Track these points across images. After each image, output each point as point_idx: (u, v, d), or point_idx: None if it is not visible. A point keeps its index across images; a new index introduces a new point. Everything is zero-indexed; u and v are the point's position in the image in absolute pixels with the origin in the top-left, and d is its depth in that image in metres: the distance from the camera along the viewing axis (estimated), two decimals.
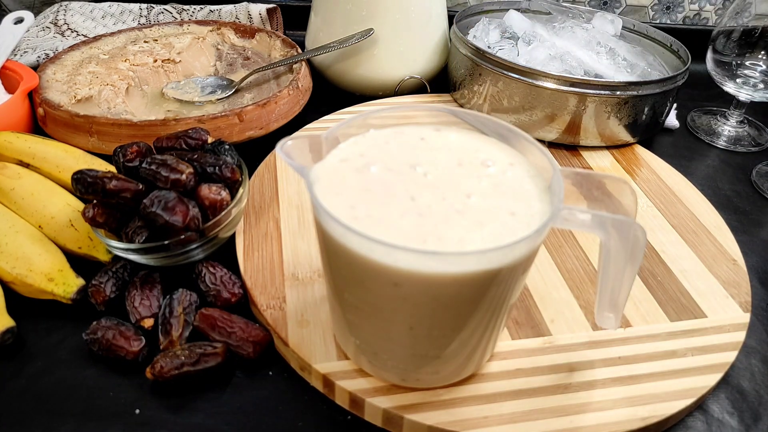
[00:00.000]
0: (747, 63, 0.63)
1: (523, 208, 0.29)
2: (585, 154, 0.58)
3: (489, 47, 0.65)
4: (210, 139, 0.46)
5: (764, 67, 0.63)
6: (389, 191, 0.30)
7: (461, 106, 0.64)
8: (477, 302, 0.29)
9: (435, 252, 0.27)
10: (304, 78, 0.61)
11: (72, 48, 0.64)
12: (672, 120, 0.66)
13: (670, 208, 0.51)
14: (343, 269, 0.30)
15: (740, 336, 0.39)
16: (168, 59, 0.66)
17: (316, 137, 0.31)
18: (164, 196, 0.38)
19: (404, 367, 0.33)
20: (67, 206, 0.44)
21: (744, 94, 0.63)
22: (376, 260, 0.27)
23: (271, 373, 0.38)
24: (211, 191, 0.40)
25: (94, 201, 0.40)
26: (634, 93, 0.55)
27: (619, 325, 0.35)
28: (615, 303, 0.33)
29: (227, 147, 0.45)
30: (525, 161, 0.33)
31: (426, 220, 0.28)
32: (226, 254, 0.44)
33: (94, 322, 0.37)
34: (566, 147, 0.59)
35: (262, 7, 0.75)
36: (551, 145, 0.59)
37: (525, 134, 0.32)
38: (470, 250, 0.27)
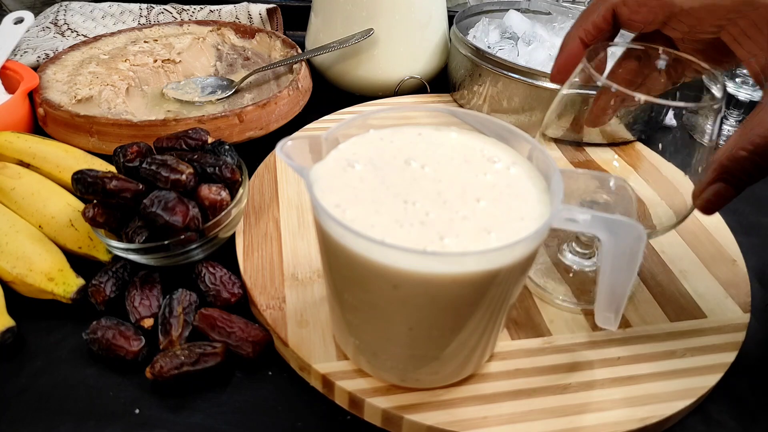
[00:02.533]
0: None
1: (529, 210, 0.30)
2: (589, 149, 0.58)
3: (489, 47, 0.65)
4: (210, 140, 0.46)
5: None
6: (393, 191, 0.30)
7: (461, 106, 0.64)
8: (476, 303, 0.29)
9: (434, 253, 0.27)
10: (304, 78, 0.61)
11: (72, 48, 0.65)
12: (671, 119, 0.66)
13: None
14: (343, 270, 0.30)
15: (740, 336, 0.39)
16: (168, 59, 0.66)
17: (316, 137, 0.31)
18: (164, 196, 0.38)
19: (403, 368, 0.33)
20: (67, 206, 0.44)
21: (743, 94, 0.63)
22: (375, 261, 0.27)
23: (270, 373, 0.38)
24: (211, 191, 0.40)
25: (94, 201, 0.40)
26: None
27: (619, 326, 0.35)
28: (615, 303, 0.33)
29: (227, 147, 0.45)
30: (525, 161, 0.33)
31: (428, 228, 0.28)
32: (226, 254, 0.44)
33: (94, 322, 0.37)
34: (570, 143, 0.59)
35: (262, 8, 0.75)
36: (555, 141, 0.58)
37: (525, 134, 0.33)
38: (470, 251, 0.27)
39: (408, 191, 0.30)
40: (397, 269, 0.27)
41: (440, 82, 0.68)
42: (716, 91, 0.36)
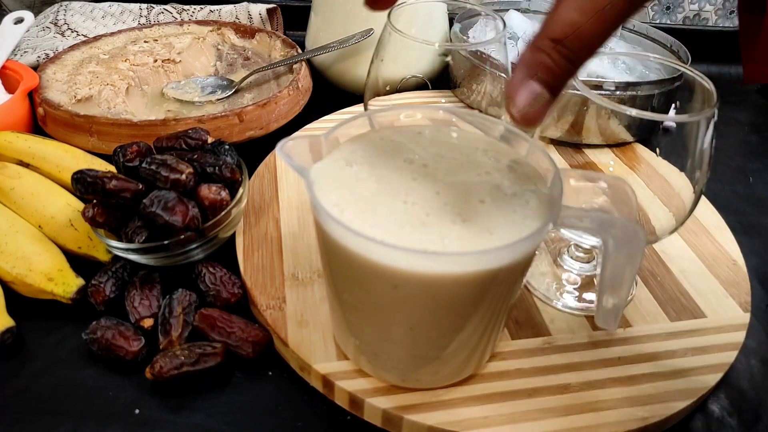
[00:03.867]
0: None
1: (530, 210, 0.29)
2: (587, 151, 0.58)
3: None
4: (210, 139, 0.46)
5: None
6: (393, 191, 0.30)
7: (462, 101, 0.64)
8: (477, 303, 0.29)
9: (435, 253, 0.27)
10: (304, 78, 0.61)
11: (72, 48, 0.65)
12: (670, 121, 0.66)
13: None
14: (343, 270, 0.30)
15: (740, 336, 0.39)
16: (168, 59, 0.66)
17: (316, 137, 0.31)
18: (164, 196, 0.38)
19: (404, 368, 0.33)
20: (67, 206, 0.44)
21: None
22: (375, 261, 0.27)
23: (270, 373, 0.37)
24: (211, 191, 0.40)
25: (94, 201, 0.40)
26: (633, 93, 0.55)
27: (619, 326, 0.35)
28: (615, 303, 0.33)
29: (227, 147, 0.45)
30: (526, 161, 0.33)
31: (429, 228, 0.28)
32: (226, 254, 0.44)
33: (94, 322, 0.37)
34: (569, 145, 0.59)
35: (262, 7, 0.75)
36: (555, 142, 0.59)
37: (525, 134, 0.33)
38: (470, 251, 0.27)
39: (408, 191, 0.30)
40: (397, 269, 0.27)
41: (441, 81, 0.68)
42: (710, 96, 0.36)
